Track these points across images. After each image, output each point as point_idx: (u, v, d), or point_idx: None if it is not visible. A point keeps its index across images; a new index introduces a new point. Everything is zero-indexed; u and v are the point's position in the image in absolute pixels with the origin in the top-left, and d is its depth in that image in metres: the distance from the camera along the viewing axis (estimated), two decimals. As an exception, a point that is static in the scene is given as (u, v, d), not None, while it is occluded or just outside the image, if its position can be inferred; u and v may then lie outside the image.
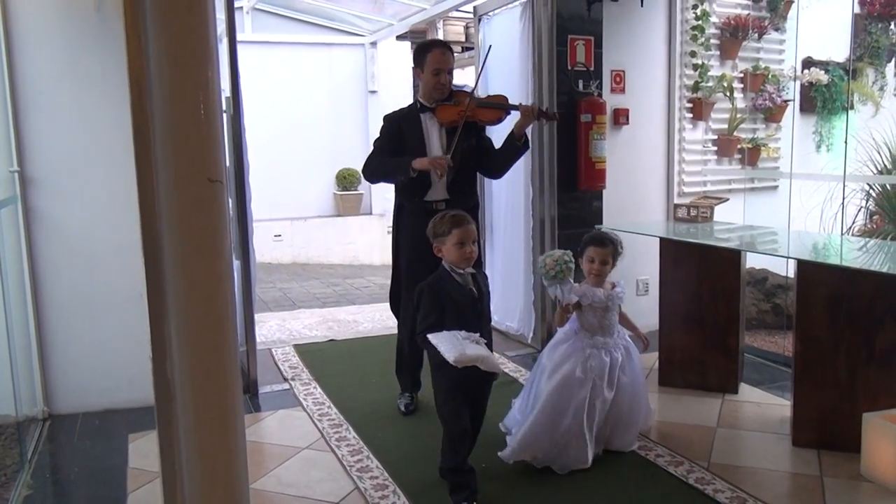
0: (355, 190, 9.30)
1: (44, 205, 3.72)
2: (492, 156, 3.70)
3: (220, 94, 1.22)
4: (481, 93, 4.28)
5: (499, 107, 3.62)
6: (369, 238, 9.44)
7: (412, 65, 3.61)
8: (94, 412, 3.85)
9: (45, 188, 3.71)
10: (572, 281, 3.19)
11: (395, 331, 5.43)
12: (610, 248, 3.18)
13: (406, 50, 9.93)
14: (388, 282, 3.91)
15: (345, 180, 9.20)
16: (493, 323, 5.53)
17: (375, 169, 3.62)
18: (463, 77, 12.77)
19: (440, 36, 15.02)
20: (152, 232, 1.22)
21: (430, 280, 2.84)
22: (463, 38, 15.96)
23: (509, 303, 5.04)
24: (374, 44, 9.02)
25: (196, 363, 1.27)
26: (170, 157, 1.20)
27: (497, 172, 3.85)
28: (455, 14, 7.69)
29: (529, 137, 3.70)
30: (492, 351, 2.81)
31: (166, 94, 1.20)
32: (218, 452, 1.30)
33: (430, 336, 2.66)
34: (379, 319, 5.86)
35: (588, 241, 3.22)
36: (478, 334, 2.70)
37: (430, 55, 3.53)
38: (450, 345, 2.57)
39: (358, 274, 8.51)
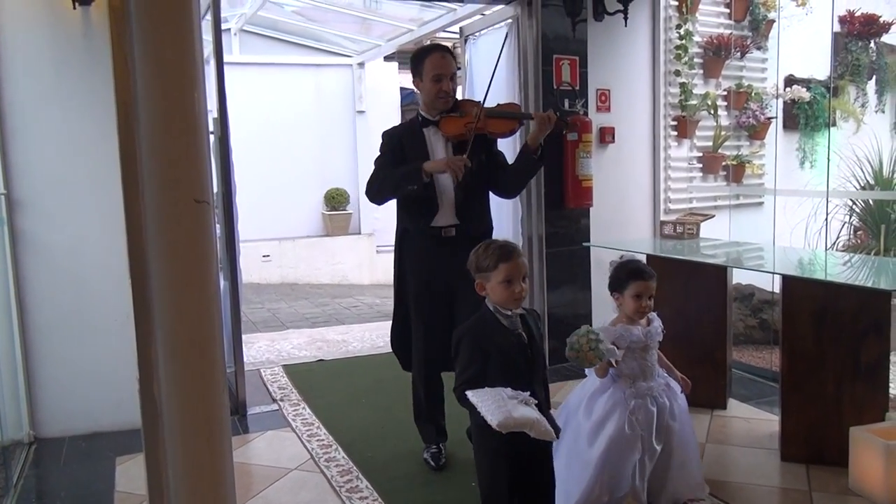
0: (344, 210, 9.31)
1: (30, 227, 3.71)
2: (505, 173, 3.28)
3: (207, 115, 1.23)
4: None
5: (512, 116, 3.25)
6: (358, 258, 9.44)
7: (411, 75, 3.25)
8: (80, 435, 3.82)
9: (32, 210, 3.70)
10: (602, 360, 2.58)
11: (386, 350, 5.46)
12: (654, 279, 2.75)
13: (394, 70, 10.01)
14: (377, 301, 3.86)
15: (333, 200, 9.22)
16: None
17: (381, 184, 3.20)
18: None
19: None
20: (139, 253, 1.22)
21: (471, 324, 2.39)
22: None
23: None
24: (361, 64, 9.08)
25: (183, 384, 1.27)
26: (156, 178, 1.21)
27: (512, 191, 3.49)
28: (441, 35, 7.76)
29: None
30: (549, 408, 2.40)
31: (152, 115, 1.21)
32: (205, 474, 1.30)
33: (469, 394, 2.19)
34: (368, 339, 5.85)
35: (630, 274, 2.71)
36: (528, 393, 2.21)
37: (429, 60, 3.15)
38: (493, 404, 2.11)
39: (347, 294, 8.50)
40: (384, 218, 9.60)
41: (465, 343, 2.33)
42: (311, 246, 9.19)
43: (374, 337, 5.91)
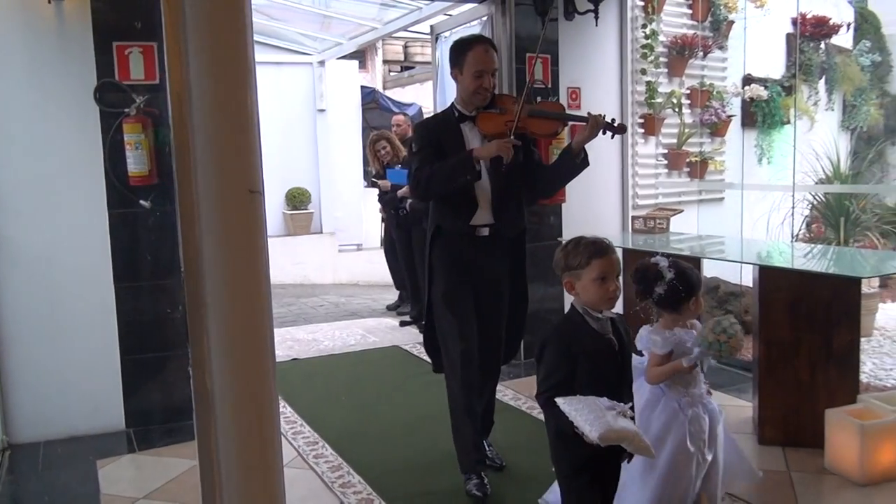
0: (305, 209, 9.24)
1: (5, 230, 3.61)
2: (543, 173, 3.14)
3: (257, 107, 1.25)
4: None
5: (556, 117, 3.08)
6: (320, 258, 9.38)
7: (450, 66, 3.07)
8: (56, 440, 3.73)
9: (7, 213, 3.60)
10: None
11: (358, 347, 5.49)
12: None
13: (354, 69, 9.97)
14: (342, 299, 3.79)
15: (294, 199, 9.14)
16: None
17: (431, 178, 2.97)
18: (408, 95, 12.90)
19: (379, 55, 15.21)
20: (193, 243, 1.23)
21: (559, 326, 2.23)
22: (402, 58, 16.15)
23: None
24: (322, 63, 9.01)
25: (235, 375, 1.28)
26: (210, 169, 1.22)
27: (548, 193, 3.35)
28: (404, 34, 7.76)
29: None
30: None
31: (206, 106, 1.21)
32: (255, 463, 1.31)
33: (560, 401, 2.00)
34: (339, 338, 5.84)
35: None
36: (625, 405, 2.04)
37: (472, 53, 2.97)
38: (590, 414, 1.93)
39: (311, 293, 8.44)
40: (346, 217, 9.58)
41: (551, 346, 2.13)
42: (273, 246, 9.05)
43: (345, 335, 5.90)
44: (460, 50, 3.02)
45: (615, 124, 3.00)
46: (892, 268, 3.63)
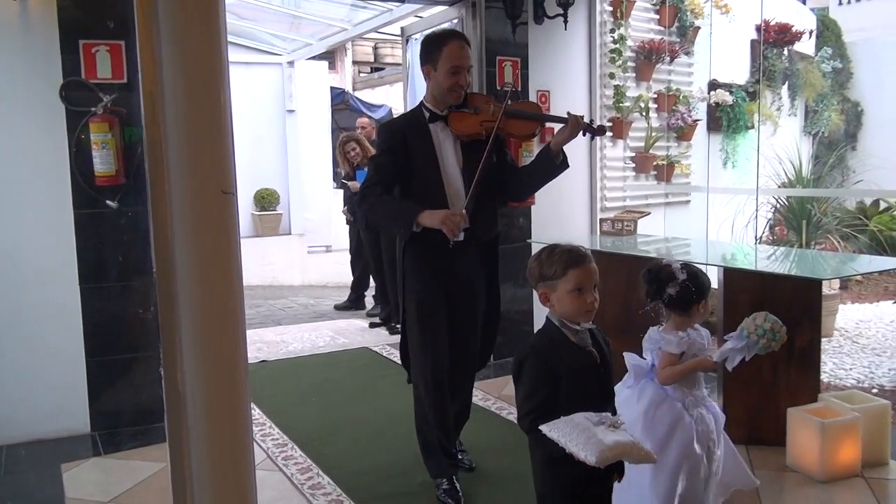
0: (274, 210, 9.18)
1: (-35, 227, 3.55)
2: (518, 176, 3.05)
3: (231, 107, 1.25)
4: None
5: (534, 118, 2.97)
6: (289, 259, 9.33)
7: (421, 62, 2.93)
8: (19, 444, 3.66)
9: (-33, 209, 3.54)
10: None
11: (328, 349, 5.47)
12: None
13: (324, 69, 9.95)
14: (311, 301, 3.74)
15: (263, 200, 9.08)
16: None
17: (371, 210, 2.90)
18: (378, 97, 12.89)
19: (349, 56, 15.17)
20: (165, 243, 1.23)
21: (535, 341, 2.07)
22: (372, 59, 16.13)
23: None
24: (291, 63, 8.97)
25: (207, 374, 1.28)
26: (183, 170, 1.22)
27: (524, 195, 3.22)
28: (374, 35, 7.76)
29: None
30: None
31: (179, 107, 1.22)
32: (228, 461, 1.32)
33: (545, 429, 1.85)
34: (308, 339, 5.82)
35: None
36: (613, 415, 1.90)
37: (447, 49, 2.82)
38: (580, 436, 1.77)
39: (279, 295, 8.39)
40: (315, 218, 9.54)
41: (529, 364, 1.98)
42: (242, 247, 8.99)
43: (314, 337, 5.88)
44: (434, 45, 2.87)
45: (594, 126, 2.94)
46: (852, 270, 3.73)
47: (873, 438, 3.16)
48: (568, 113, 2.87)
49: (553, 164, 2.89)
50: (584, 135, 2.91)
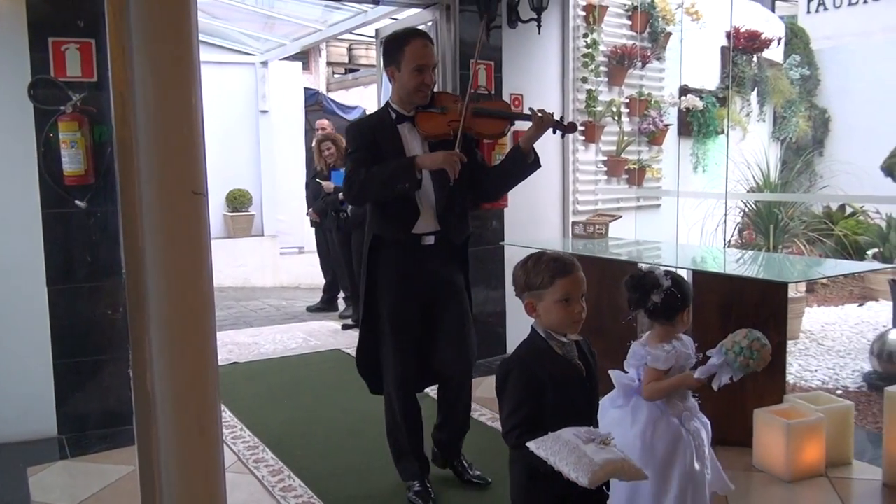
0: (246, 211, 9.12)
1: (-71, 226, 3.48)
2: (489, 175, 2.98)
3: (202, 107, 1.25)
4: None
5: (502, 116, 2.92)
6: (261, 260, 9.27)
7: (384, 63, 2.86)
8: (-17, 447, 3.61)
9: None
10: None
11: (300, 351, 5.44)
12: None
13: (297, 70, 9.90)
14: (284, 302, 3.69)
15: (235, 201, 9.01)
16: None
17: (365, 183, 2.78)
18: (352, 98, 12.85)
19: (323, 57, 15.11)
20: (135, 244, 1.22)
21: (520, 353, 1.98)
22: (346, 60, 16.09)
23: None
24: (264, 63, 8.92)
25: (177, 377, 1.27)
26: (153, 170, 1.22)
27: (495, 195, 3.15)
28: (349, 37, 7.75)
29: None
30: None
31: (150, 106, 1.21)
32: (198, 466, 1.31)
33: (532, 446, 1.76)
34: (280, 341, 5.79)
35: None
36: (604, 432, 1.79)
37: (410, 48, 2.77)
38: (570, 456, 1.69)
39: (251, 296, 8.34)
40: (288, 220, 9.49)
41: (514, 377, 1.91)
42: (213, 248, 8.88)
43: (286, 339, 5.85)
44: (397, 45, 2.82)
45: (564, 122, 2.88)
46: (818, 273, 3.81)
47: (837, 438, 3.22)
48: (530, 109, 2.83)
49: (524, 163, 2.85)
50: (553, 132, 2.88)
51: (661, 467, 2.25)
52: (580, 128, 5.49)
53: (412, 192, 2.77)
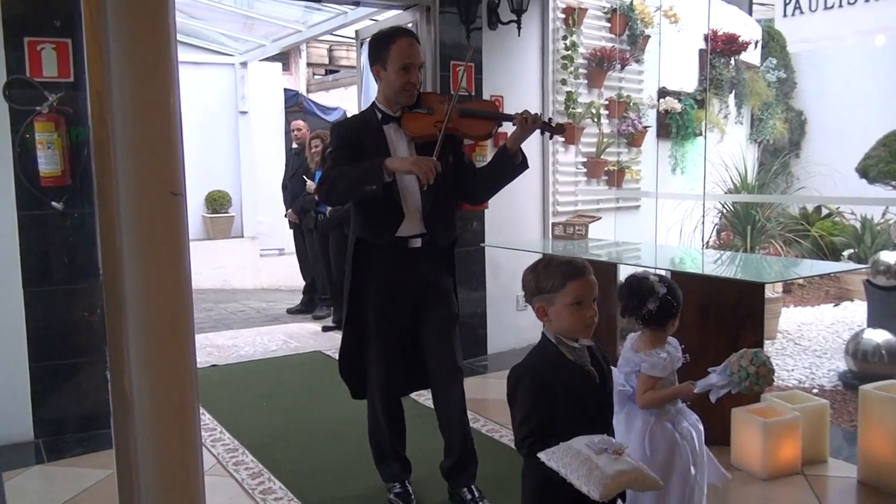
0: (225, 213, 9.07)
1: None
2: (476, 177, 2.92)
3: (180, 107, 1.25)
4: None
5: (489, 116, 2.89)
6: (241, 262, 9.22)
7: (369, 62, 2.83)
8: (-42, 452, 3.56)
9: None
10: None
11: (280, 353, 5.42)
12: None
13: (277, 71, 9.86)
14: (264, 304, 3.66)
15: (215, 202, 8.96)
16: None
17: (335, 182, 2.74)
18: (332, 99, 12.82)
19: (303, 58, 15.05)
20: (112, 244, 1.21)
21: (530, 360, 1.94)
22: (327, 61, 16.04)
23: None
24: (244, 64, 8.88)
25: (155, 378, 1.27)
26: (131, 170, 1.21)
27: (482, 198, 3.07)
28: (329, 38, 7.72)
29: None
30: None
31: (128, 106, 1.20)
32: (176, 467, 1.30)
33: (543, 457, 1.73)
34: (260, 343, 5.76)
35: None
36: (618, 442, 1.76)
37: (396, 46, 2.72)
38: (581, 468, 1.65)
39: (231, 298, 8.28)
40: (268, 221, 9.44)
41: (525, 385, 1.87)
42: (192, 250, 8.82)
43: (266, 341, 5.82)
44: (382, 43, 2.76)
45: (553, 124, 2.83)
46: (794, 274, 3.85)
47: (813, 437, 3.27)
48: (515, 113, 2.77)
49: (511, 164, 2.80)
50: (542, 133, 2.87)
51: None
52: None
53: (378, 194, 2.71)
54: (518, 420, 1.86)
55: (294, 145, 7.18)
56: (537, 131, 2.81)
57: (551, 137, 2.94)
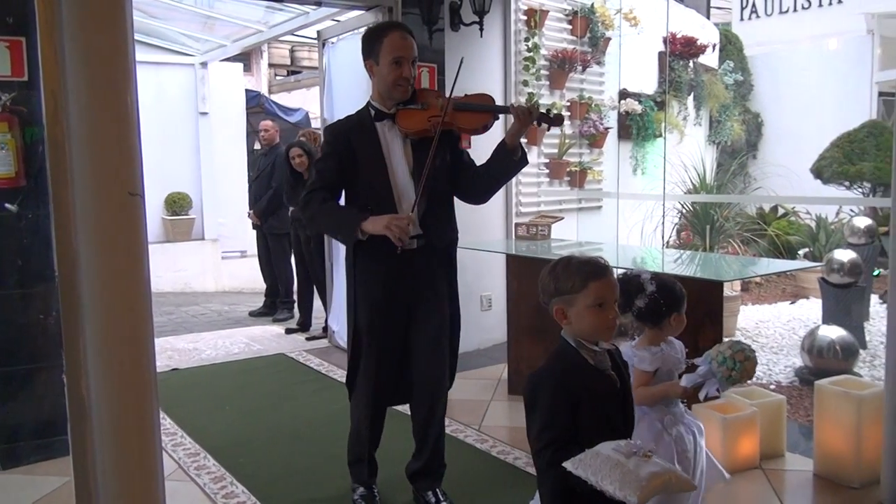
0: (186, 214, 8.95)
1: None
2: (474, 174, 2.81)
3: (138, 107, 1.23)
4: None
5: (485, 109, 2.75)
6: (202, 264, 9.11)
7: (362, 58, 2.76)
8: None
9: None
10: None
11: (243, 356, 5.36)
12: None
13: (238, 71, 9.76)
14: (226, 307, 3.62)
15: (175, 204, 8.84)
16: (342, 342, 5.57)
17: (315, 217, 2.71)
18: (294, 100, 12.73)
19: (265, 58, 14.93)
20: (68, 246, 1.19)
21: (550, 365, 1.86)
22: (289, 62, 15.94)
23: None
24: (204, 64, 8.77)
25: (113, 381, 1.25)
26: (88, 171, 1.19)
27: (482, 196, 2.92)
28: (291, 38, 7.66)
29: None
30: None
31: (84, 106, 1.19)
32: (135, 473, 1.29)
33: (569, 465, 1.64)
34: (222, 346, 5.69)
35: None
36: (642, 444, 1.66)
37: (388, 40, 2.64)
38: (614, 472, 1.57)
39: (192, 301, 8.18)
40: (230, 223, 9.35)
41: (545, 391, 1.78)
42: (152, 253, 8.68)
43: (228, 344, 5.76)
44: (374, 38, 2.69)
45: (550, 115, 2.71)
46: (752, 272, 3.92)
47: (770, 431, 3.33)
48: (511, 105, 2.64)
49: (511, 160, 2.70)
50: (538, 125, 2.79)
51: None
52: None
53: (349, 244, 2.74)
54: (537, 428, 1.77)
55: (256, 147, 7.11)
56: (535, 123, 2.73)
57: (549, 128, 2.85)
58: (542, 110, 2.69)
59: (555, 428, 1.74)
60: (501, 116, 3.50)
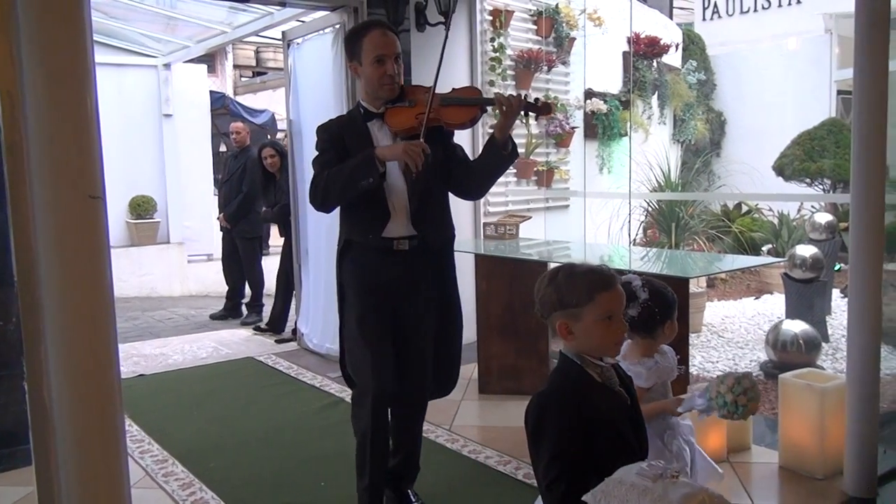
0: (150, 218, 8.82)
1: None
2: (467, 169, 2.75)
3: (98, 109, 1.21)
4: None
5: (471, 103, 2.70)
6: (168, 268, 8.98)
7: (347, 60, 2.73)
8: None
9: None
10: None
11: (211, 360, 5.30)
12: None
13: (202, 73, 9.65)
14: (193, 312, 3.57)
15: (139, 208, 8.70)
16: (311, 345, 5.53)
17: (328, 185, 2.58)
18: (260, 102, 12.63)
19: (229, 60, 14.79)
20: (27, 252, 1.17)
21: (556, 386, 1.70)
22: (254, 63, 15.80)
23: (329, 324, 5.06)
24: (167, 65, 8.65)
25: (76, 387, 1.22)
26: (47, 174, 1.17)
27: (476, 192, 2.90)
28: (256, 39, 7.58)
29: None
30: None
31: (42, 107, 1.16)
32: (100, 481, 1.26)
33: (589, 499, 1.45)
34: (189, 351, 5.62)
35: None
36: (667, 465, 1.48)
37: (367, 39, 2.59)
38: (643, 500, 1.39)
39: (158, 306, 8.06)
40: (195, 226, 9.23)
41: (552, 415, 1.61)
42: (115, 257, 8.56)
43: (196, 348, 5.69)
44: (354, 38, 2.65)
45: (538, 104, 2.61)
46: (717, 269, 3.98)
47: (737, 425, 3.37)
48: (496, 95, 2.61)
49: (500, 154, 2.62)
50: (526, 115, 2.69)
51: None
52: (489, 131, 5.56)
53: (376, 185, 2.55)
54: (545, 459, 1.59)
55: (222, 149, 7.04)
56: (522, 113, 2.66)
57: (537, 118, 2.78)
58: (530, 100, 2.60)
59: (565, 458, 1.56)
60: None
